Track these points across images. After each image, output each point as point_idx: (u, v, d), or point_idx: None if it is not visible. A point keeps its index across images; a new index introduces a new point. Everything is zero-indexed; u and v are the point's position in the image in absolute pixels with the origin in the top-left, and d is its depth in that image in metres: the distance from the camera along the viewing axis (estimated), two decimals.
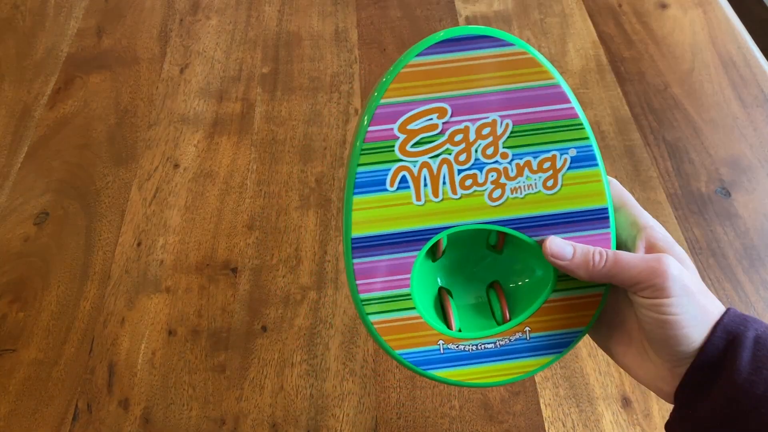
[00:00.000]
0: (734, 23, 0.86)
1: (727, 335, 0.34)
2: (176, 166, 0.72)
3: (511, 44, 0.35)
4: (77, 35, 0.88)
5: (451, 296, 0.40)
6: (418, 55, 0.35)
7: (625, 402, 0.54)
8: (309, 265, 0.63)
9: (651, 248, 0.36)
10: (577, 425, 0.53)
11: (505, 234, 0.38)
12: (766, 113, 0.75)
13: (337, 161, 0.72)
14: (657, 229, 0.37)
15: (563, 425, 0.53)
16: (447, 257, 0.40)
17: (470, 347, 0.37)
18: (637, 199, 0.67)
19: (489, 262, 0.40)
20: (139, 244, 0.65)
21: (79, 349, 0.58)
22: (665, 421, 0.53)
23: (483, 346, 0.37)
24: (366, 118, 0.35)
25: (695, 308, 0.34)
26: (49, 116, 0.78)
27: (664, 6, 0.88)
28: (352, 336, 0.58)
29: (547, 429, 0.52)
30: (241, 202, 0.68)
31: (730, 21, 0.86)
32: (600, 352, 0.57)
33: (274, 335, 0.59)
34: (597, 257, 0.35)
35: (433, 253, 0.39)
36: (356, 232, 0.36)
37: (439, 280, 0.41)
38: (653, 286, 0.34)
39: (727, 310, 0.35)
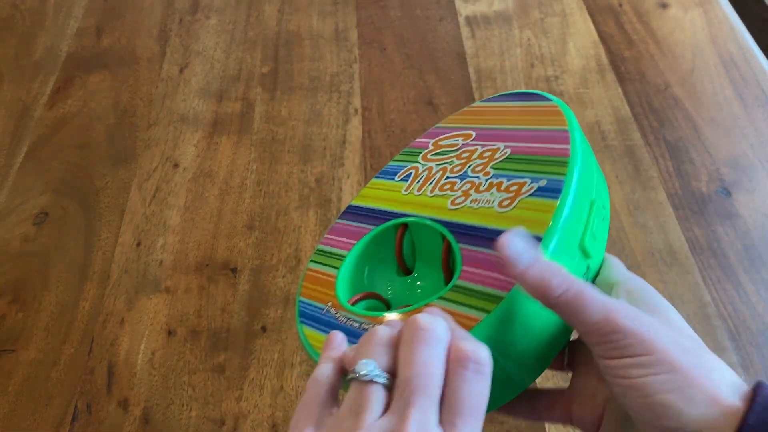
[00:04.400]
0: (735, 23, 0.86)
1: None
2: (176, 165, 0.72)
3: (548, 99, 0.40)
4: (77, 35, 0.88)
5: (388, 307, 0.41)
6: (482, 101, 0.43)
7: None
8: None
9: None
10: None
11: (448, 258, 0.39)
12: (767, 113, 0.75)
13: (336, 161, 0.72)
14: (633, 281, 0.32)
15: (563, 426, 0.52)
16: (413, 279, 0.42)
17: (343, 319, 0.37)
18: (638, 199, 0.67)
19: (439, 284, 0.40)
20: (138, 244, 0.65)
21: (79, 349, 0.58)
22: None
23: (353, 322, 0.37)
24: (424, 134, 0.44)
25: (670, 370, 0.27)
26: (48, 116, 0.78)
27: (664, 6, 0.88)
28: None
29: (547, 429, 0.52)
30: (241, 202, 0.68)
31: (730, 21, 0.86)
32: None
33: (274, 336, 0.58)
34: (559, 280, 0.28)
35: (399, 267, 0.42)
36: (355, 202, 0.43)
37: (387, 288, 0.42)
38: (609, 341, 0.28)
39: (759, 384, 0.27)
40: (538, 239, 0.33)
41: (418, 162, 0.42)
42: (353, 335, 0.36)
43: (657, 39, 0.84)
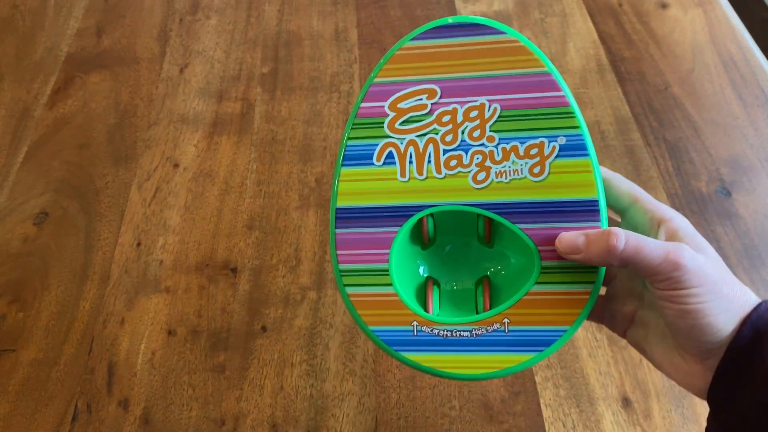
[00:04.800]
0: (735, 23, 0.86)
1: (755, 331, 0.33)
2: (176, 165, 0.72)
3: (503, 32, 0.36)
4: (77, 35, 0.88)
5: (438, 286, 0.39)
6: (413, 39, 0.37)
7: (626, 402, 0.53)
8: (309, 265, 0.63)
9: (671, 239, 0.35)
10: (578, 425, 0.52)
11: (491, 225, 0.38)
12: (767, 113, 0.75)
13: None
14: (677, 221, 0.35)
15: (563, 425, 0.52)
16: (437, 247, 0.40)
17: (444, 333, 0.36)
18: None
19: (478, 255, 0.39)
20: (138, 244, 0.65)
21: (79, 349, 0.58)
22: (665, 421, 0.53)
23: (458, 333, 0.36)
24: (361, 94, 0.37)
25: (717, 297, 0.33)
26: (48, 116, 0.78)
27: (664, 6, 0.88)
28: (352, 336, 0.58)
29: (547, 429, 0.52)
30: (241, 202, 0.68)
31: (730, 21, 0.86)
32: (600, 351, 0.56)
33: (274, 335, 0.58)
34: (620, 239, 0.33)
35: (422, 240, 0.39)
36: (341, 203, 0.37)
37: (427, 269, 0.40)
38: (671, 278, 0.32)
39: (760, 303, 0.34)
40: (592, 203, 0.34)
41: (388, 136, 0.37)
42: (467, 345, 0.35)
43: (657, 39, 0.84)
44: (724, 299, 0.33)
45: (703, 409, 0.53)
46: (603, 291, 0.38)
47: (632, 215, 0.37)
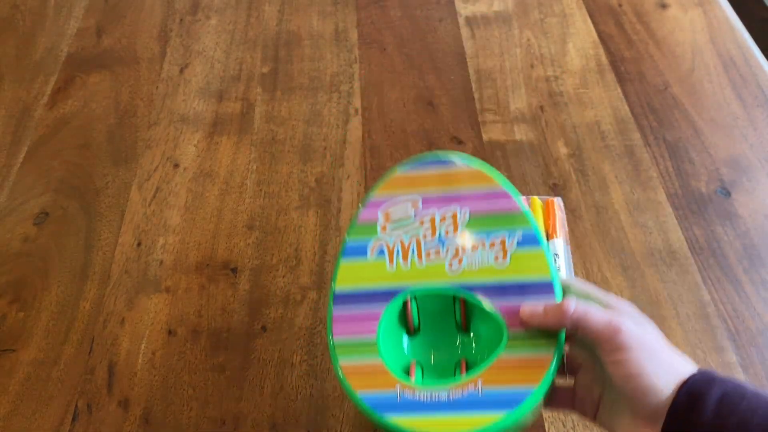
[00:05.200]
0: (734, 23, 0.86)
1: (690, 396, 0.36)
2: (176, 165, 0.72)
3: (469, 163, 0.46)
4: (77, 35, 0.88)
5: (421, 367, 0.44)
6: (403, 168, 0.46)
7: None
8: (309, 265, 0.63)
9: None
10: (577, 425, 0.53)
11: (466, 309, 0.44)
12: (766, 113, 0.75)
13: (336, 161, 0.72)
14: (621, 304, 0.41)
15: (563, 425, 0.53)
16: (422, 336, 0.45)
17: (424, 396, 0.40)
18: (637, 199, 0.67)
19: (457, 341, 0.45)
20: (138, 244, 0.65)
21: (79, 349, 0.58)
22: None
23: (437, 395, 0.40)
24: (360, 206, 0.46)
25: (655, 361, 0.37)
26: (48, 116, 0.78)
27: (664, 6, 0.88)
28: None
29: (547, 429, 0.52)
30: (241, 202, 0.68)
31: (730, 21, 0.86)
32: None
33: (274, 335, 0.59)
34: (571, 305, 0.39)
35: (408, 328, 0.45)
36: (339, 288, 0.44)
37: (411, 351, 0.45)
38: (612, 341, 0.37)
39: (698, 371, 0.37)
40: (548, 282, 0.42)
41: (380, 236, 0.45)
42: (445, 407, 0.40)
43: (656, 39, 0.84)
44: (661, 363, 0.37)
45: None
46: (571, 382, 0.42)
47: None
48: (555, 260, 0.61)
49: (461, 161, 0.46)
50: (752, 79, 0.78)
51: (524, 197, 0.66)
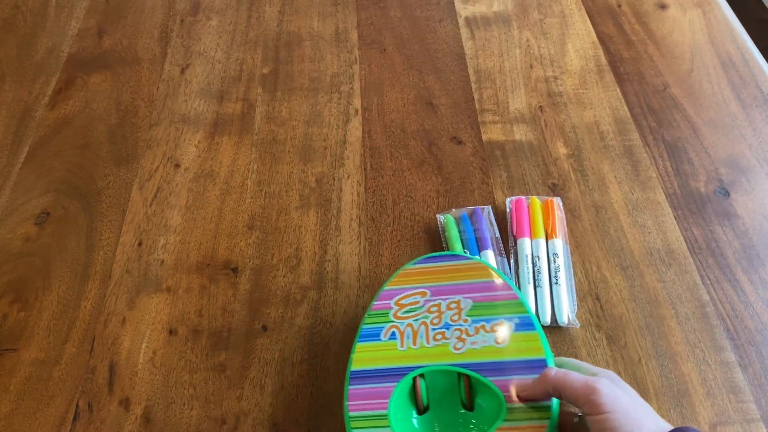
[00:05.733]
0: (733, 23, 0.86)
1: None
2: (177, 166, 0.72)
3: (471, 258, 0.53)
4: (78, 35, 0.88)
5: None
6: (414, 263, 0.54)
7: None
8: (309, 264, 0.63)
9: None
10: None
11: (470, 386, 0.48)
12: (765, 113, 0.75)
13: (337, 161, 0.72)
14: (602, 372, 0.46)
15: None
16: (430, 414, 0.49)
17: None
18: (636, 199, 0.68)
19: (462, 419, 0.48)
20: (139, 244, 0.66)
21: (80, 348, 0.59)
22: (664, 419, 0.53)
23: None
24: (375, 297, 0.52)
25: (630, 421, 0.40)
26: (50, 116, 0.78)
27: (663, 6, 0.89)
28: (352, 335, 0.58)
29: None
30: (242, 202, 0.69)
31: (729, 21, 0.86)
32: (600, 351, 0.57)
33: (275, 335, 0.59)
34: (552, 371, 0.44)
35: (417, 407, 0.49)
36: (354, 367, 0.49)
37: (420, 426, 0.49)
38: (590, 401, 0.41)
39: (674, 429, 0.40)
40: (542, 360, 0.47)
41: (392, 321, 0.51)
42: None
43: (656, 40, 0.84)
44: (636, 422, 0.40)
45: (702, 408, 0.53)
46: None
47: None
48: (554, 260, 0.61)
49: (465, 256, 0.54)
50: (751, 79, 0.79)
51: (524, 197, 0.66)
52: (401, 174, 0.70)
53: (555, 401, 0.46)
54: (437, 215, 0.66)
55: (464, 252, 0.57)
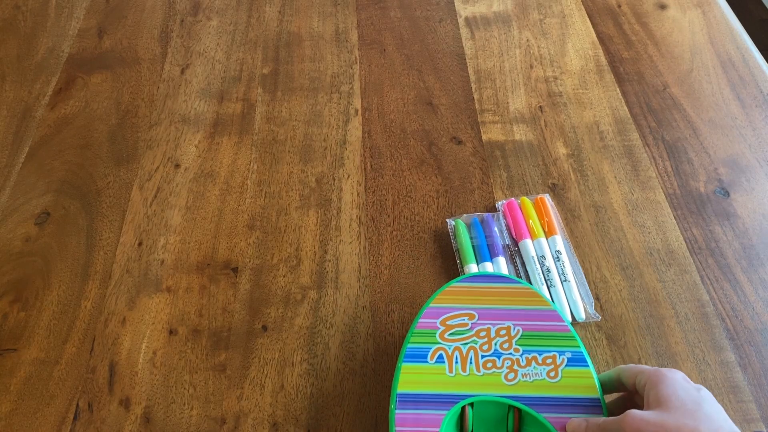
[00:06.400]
0: (733, 23, 0.86)
1: None
2: (177, 166, 0.72)
3: (518, 281, 0.52)
4: (78, 36, 0.88)
5: None
6: (458, 281, 0.52)
7: None
8: (309, 264, 0.63)
9: (644, 394, 0.43)
10: None
11: (519, 424, 0.48)
12: (765, 113, 0.75)
13: (337, 161, 0.72)
14: (652, 378, 0.43)
15: None
16: None
17: None
18: (636, 199, 0.68)
19: None
20: (140, 244, 0.66)
21: (80, 348, 0.59)
22: None
23: None
24: (419, 313, 0.51)
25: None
26: (50, 116, 0.78)
27: (663, 6, 0.89)
28: (352, 335, 0.58)
29: None
30: (242, 202, 0.69)
31: (728, 21, 0.86)
32: (599, 351, 0.57)
33: (275, 335, 0.59)
34: (580, 422, 0.44)
35: (462, 430, 0.48)
36: (401, 390, 0.48)
37: None
38: (656, 387, 0.41)
39: None
40: (595, 399, 0.46)
41: (439, 343, 0.49)
42: None
43: (655, 40, 0.84)
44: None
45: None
46: None
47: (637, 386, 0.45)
48: (558, 257, 0.61)
49: (510, 278, 0.53)
50: (751, 79, 0.79)
51: (514, 199, 0.66)
52: (401, 174, 0.71)
53: None
54: (447, 220, 0.66)
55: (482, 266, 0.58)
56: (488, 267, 0.60)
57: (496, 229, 0.64)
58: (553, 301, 0.58)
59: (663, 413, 0.40)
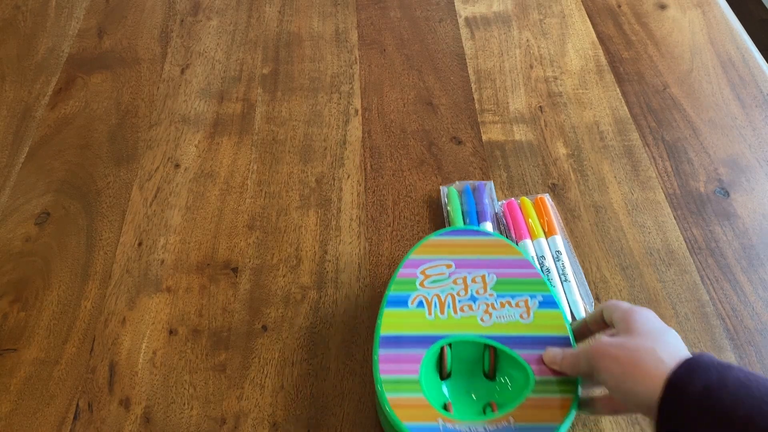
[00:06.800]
0: (733, 24, 0.86)
1: (673, 390, 0.39)
2: (177, 166, 0.72)
3: (493, 234, 0.56)
4: (78, 36, 0.88)
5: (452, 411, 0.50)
6: (436, 235, 0.56)
7: None
8: (309, 264, 0.63)
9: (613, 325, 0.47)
10: (577, 424, 0.53)
11: (494, 363, 0.51)
12: (765, 113, 0.75)
13: (337, 161, 0.72)
14: (620, 309, 0.47)
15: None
16: (454, 380, 0.51)
17: (464, 428, 0.46)
18: (636, 199, 0.68)
19: (484, 387, 0.51)
20: (140, 244, 0.66)
21: (80, 348, 0.59)
22: None
23: (475, 428, 0.46)
24: (400, 264, 0.54)
25: (629, 381, 0.41)
26: (50, 116, 0.78)
27: (663, 6, 0.89)
28: (352, 335, 0.58)
29: None
30: (242, 202, 0.69)
31: (728, 21, 0.86)
32: None
33: (275, 335, 0.59)
34: (562, 353, 0.48)
35: (441, 372, 0.51)
36: (383, 332, 0.51)
37: (447, 392, 0.51)
38: (592, 373, 0.44)
39: (681, 364, 0.40)
40: (565, 338, 0.50)
41: (419, 290, 0.53)
42: None
43: (655, 40, 0.84)
44: (633, 376, 0.41)
45: None
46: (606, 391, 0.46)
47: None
48: (558, 257, 0.62)
49: (487, 232, 0.57)
50: (751, 79, 0.79)
51: (513, 199, 0.66)
52: (401, 174, 0.71)
53: (578, 377, 0.48)
54: (441, 187, 0.67)
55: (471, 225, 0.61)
56: None
57: (486, 197, 0.65)
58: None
59: (627, 337, 0.43)
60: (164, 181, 0.71)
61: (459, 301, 0.52)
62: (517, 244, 0.63)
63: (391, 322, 0.51)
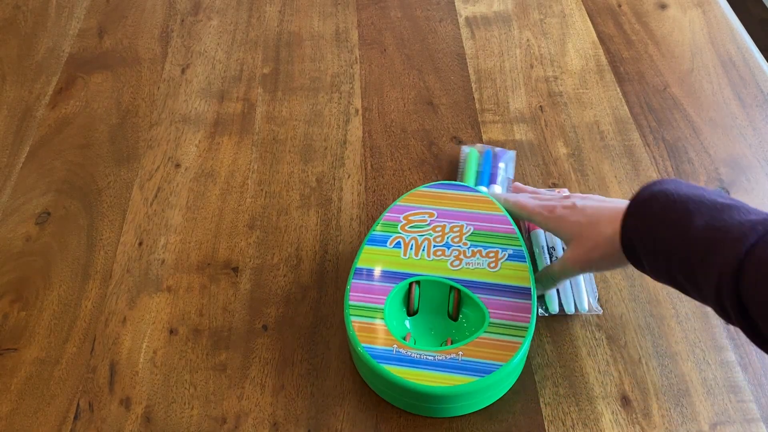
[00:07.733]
0: (733, 23, 0.86)
1: (635, 199, 0.47)
2: (177, 165, 0.72)
3: (478, 191, 0.60)
4: (79, 35, 0.88)
5: (414, 340, 0.54)
6: (424, 187, 0.60)
7: (625, 401, 0.54)
8: (309, 264, 0.63)
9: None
10: (577, 424, 0.53)
11: (458, 305, 0.55)
12: (765, 113, 0.75)
13: (337, 161, 0.72)
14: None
15: (563, 424, 0.53)
16: (419, 317, 0.56)
17: (415, 355, 0.51)
18: None
19: (446, 325, 0.56)
20: (140, 244, 0.66)
21: (81, 348, 0.59)
22: (664, 419, 0.53)
23: (425, 356, 0.51)
24: (387, 209, 0.59)
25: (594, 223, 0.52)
26: (50, 116, 0.78)
27: (663, 6, 0.89)
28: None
29: (546, 428, 0.53)
30: (242, 202, 0.69)
31: (729, 21, 0.86)
32: (600, 350, 0.57)
33: (275, 334, 0.59)
34: (510, 197, 0.60)
35: (408, 309, 0.56)
36: (360, 265, 0.56)
37: (410, 327, 0.55)
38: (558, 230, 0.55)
39: (641, 188, 0.48)
40: (527, 288, 0.54)
41: (399, 232, 0.57)
42: (430, 365, 0.50)
43: (656, 39, 0.84)
44: (588, 223, 0.52)
45: (702, 408, 0.53)
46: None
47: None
48: (552, 253, 0.62)
49: (471, 188, 0.60)
50: (751, 79, 0.79)
51: None
52: (401, 174, 0.71)
53: (531, 325, 0.51)
54: (462, 147, 0.70)
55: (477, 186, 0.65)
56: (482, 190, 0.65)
57: (501, 163, 0.68)
58: (558, 291, 0.59)
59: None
60: (165, 181, 0.71)
61: (434, 246, 0.56)
62: (529, 234, 0.63)
63: (368, 257, 0.56)
